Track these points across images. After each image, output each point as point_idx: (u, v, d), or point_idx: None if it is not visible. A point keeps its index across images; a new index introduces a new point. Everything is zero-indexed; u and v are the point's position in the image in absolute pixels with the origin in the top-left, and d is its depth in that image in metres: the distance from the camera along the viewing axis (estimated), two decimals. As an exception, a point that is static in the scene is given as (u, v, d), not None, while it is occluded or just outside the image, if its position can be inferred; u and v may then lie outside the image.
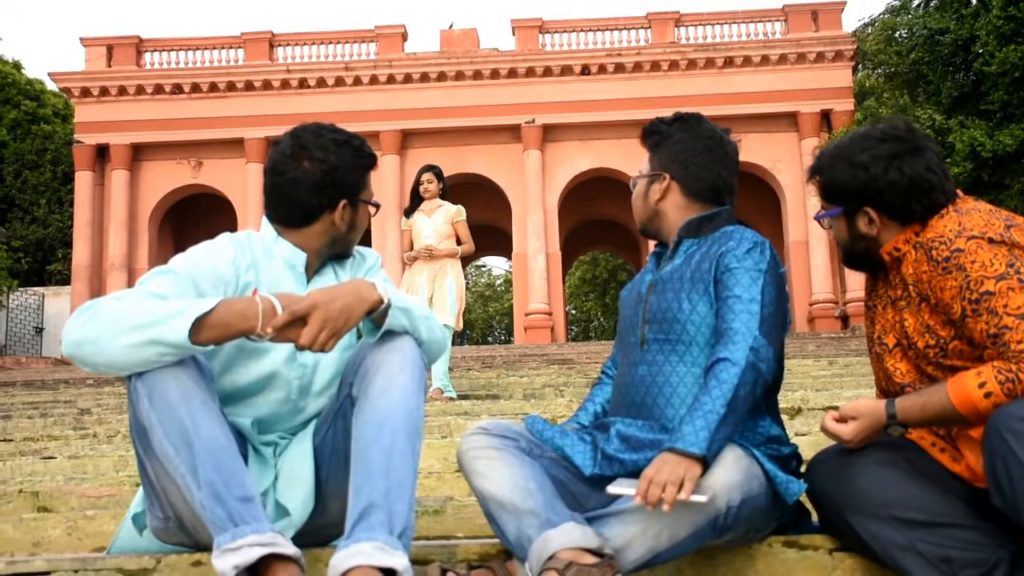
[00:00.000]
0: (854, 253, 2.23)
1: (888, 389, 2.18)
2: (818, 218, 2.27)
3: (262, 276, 2.24)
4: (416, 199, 7.77)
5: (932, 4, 19.22)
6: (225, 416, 2.02)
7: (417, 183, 7.77)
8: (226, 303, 1.95)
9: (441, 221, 7.65)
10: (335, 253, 2.36)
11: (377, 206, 2.38)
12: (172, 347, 1.90)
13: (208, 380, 2.01)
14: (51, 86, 27.23)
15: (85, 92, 23.61)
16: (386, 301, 2.06)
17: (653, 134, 2.44)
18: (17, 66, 28.68)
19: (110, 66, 23.85)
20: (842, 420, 2.11)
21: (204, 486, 1.88)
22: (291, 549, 1.86)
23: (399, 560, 1.87)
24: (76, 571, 2.13)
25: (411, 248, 7.75)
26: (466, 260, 16.83)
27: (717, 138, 2.39)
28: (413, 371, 2.07)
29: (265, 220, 2.33)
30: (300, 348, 1.97)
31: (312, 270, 2.32)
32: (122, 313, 1.92)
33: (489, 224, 26.45)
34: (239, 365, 2.20)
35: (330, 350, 1.99)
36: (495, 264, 47.07)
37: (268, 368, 2.21)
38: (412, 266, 7.68)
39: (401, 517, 1.93)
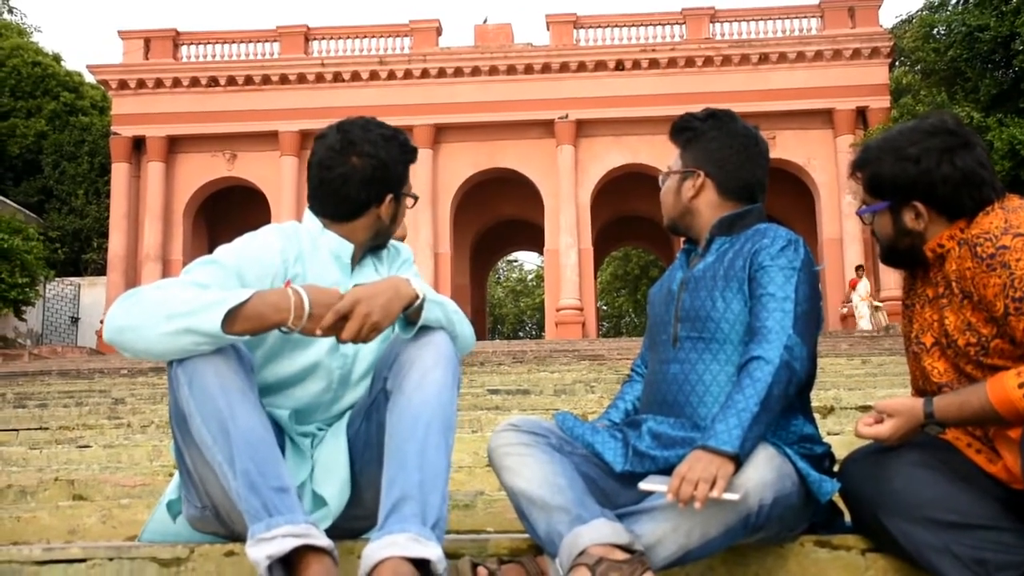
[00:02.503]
0: (896, 250, 2.20)
1: (925, 389, 2.16)
2: (861, 213, 2.24)
3: (308, 268, 2.25)
4: None
5: (971, 1, 18.96)
6: (263, 407, 2.04)
7: None
8: (260, 295, 1.97)
9: None
10: (374, 245, 2.38)
11: (416, 198, 2.41)
12: (206, 336, 1.93)
13: (248, 370, 2.03)
14: (89, 78, 27.54)
15: (122, 84, 23.86)
16: (421, 297, 2.08)
17: (685, 130, 2.40)
18: (57, 58, 29.09)
19: (147, 59, 24.09)
20: (879, 417, 2.10)
21: (240, 475, 1.90)
22: (325, 541, 1.87)
23: (432, 551, 1.87)
24: (111, 559, 2.16)
25: None
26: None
27: (752, 136, 2.37)
28: (447, 366, 2.08)
29: (309, 212, 2.34)
30: (342, 342, 2.00)
31: (355, 262, 2.34)
32: (161, 301, 1.96)
33: (521, 219, 26.48)
34: (284, 356, 2.22)
35: (370, 341, 2.02)
36: (527, 259, 47.11)
37: (312, 358, 2.23)
38: None
39: (434, 509, 1.94)
